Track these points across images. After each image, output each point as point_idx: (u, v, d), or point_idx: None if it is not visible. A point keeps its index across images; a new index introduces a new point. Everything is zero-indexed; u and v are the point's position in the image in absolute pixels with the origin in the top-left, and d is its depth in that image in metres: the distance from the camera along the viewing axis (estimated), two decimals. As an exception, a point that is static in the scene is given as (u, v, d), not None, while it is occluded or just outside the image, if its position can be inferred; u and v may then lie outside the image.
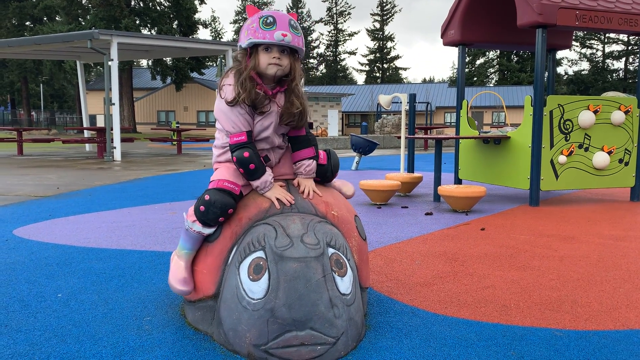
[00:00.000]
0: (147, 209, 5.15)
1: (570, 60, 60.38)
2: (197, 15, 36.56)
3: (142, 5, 35.11)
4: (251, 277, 1.88)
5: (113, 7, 31.23)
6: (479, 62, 58.30)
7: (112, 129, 12.10)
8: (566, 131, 5.38)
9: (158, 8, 35.30)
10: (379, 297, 2.54)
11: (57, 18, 38.12)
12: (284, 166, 2.32)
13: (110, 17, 30.99)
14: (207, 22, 40.75)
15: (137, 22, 33.72)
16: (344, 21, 76.00)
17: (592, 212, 5.04)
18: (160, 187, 7.05)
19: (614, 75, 55.48)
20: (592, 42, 55.02)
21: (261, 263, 1.89)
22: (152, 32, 34.78)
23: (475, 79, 57.53)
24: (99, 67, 39.46)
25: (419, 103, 13.44)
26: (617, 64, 55.97)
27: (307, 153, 2.27)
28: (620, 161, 5.62)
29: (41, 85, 47.60)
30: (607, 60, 55.43)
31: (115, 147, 12.04)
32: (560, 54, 69.61)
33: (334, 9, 68.53)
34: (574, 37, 11.13)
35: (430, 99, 38.99)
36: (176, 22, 35.99)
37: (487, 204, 5.49)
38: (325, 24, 69.09)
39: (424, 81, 70.48)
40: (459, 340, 2.05)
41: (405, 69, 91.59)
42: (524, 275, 2.92)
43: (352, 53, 69.99)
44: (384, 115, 23.64)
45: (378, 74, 68.35)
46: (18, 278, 2.84)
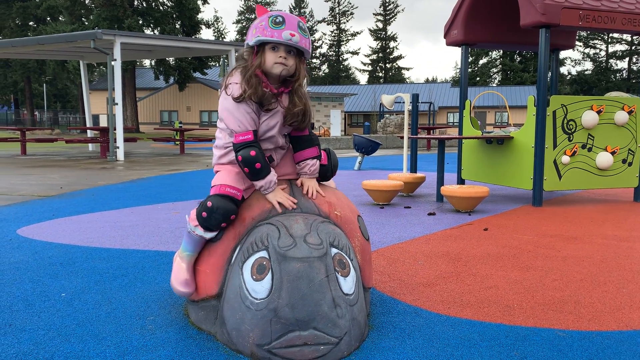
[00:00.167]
0: (150, 209, 5.16)
1: (574, 60, 60.20)
2: (200, 15, 36.60)
3: (145, 5, 35.16)
4: (254, 277, 1.88)
5: (116, 7, 31.30)
6: (481, 62, 58.22)
7: (115, 129, 12.11)
8: (569, 131, 5.37)
9: (161, 8, 35.33)
10: (381, 297, 2.54)
11: (60, 18, 38.20)
12: (285, 166, 2.32)
13: (113, 17, 31.05)
14: (210, 22, 40.84)
15: (140, 22, 33.75)
16: (347, 21, 76.11)
17: (595, 213, 5.03)
18: (163, 186, 7.06)
19: (617, 75, 55.28)
20: (595, 42, 54.82)
21: (264, 263, 1.89)
22: (155, 32, 34.84)
23: (478, 78, 57.47)
24: (102, 67, 39.55)
25: (421, 103, 13.42)
26: (620, 64, 55.65)
27: (310, 153, 2.27)
28: (624, 161, 5.60)
29: (44, 85, 47.77)
30: (611, 60, 55.24)
31: (118, 147, 12.06)
32: (563, 53, 69.56)
33: (337, 9, 68.48)
34: (577, 37, 11.11)
35: (433, 99, 38.95)
36: (179, 22, 36.01)
37: (490, 204, 5.49)
38: (328, 24, 69.08)
39: (427, 81, 70.30)
40: (461, 340, 2.05)
41: (408, 68, 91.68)
42: (527, 276, 2.92)
43: (354, 53, 69.98)
44: (387, 115, 23.65)
45: (381, 74, 68.34)
46: (22, 277, 2.85)
